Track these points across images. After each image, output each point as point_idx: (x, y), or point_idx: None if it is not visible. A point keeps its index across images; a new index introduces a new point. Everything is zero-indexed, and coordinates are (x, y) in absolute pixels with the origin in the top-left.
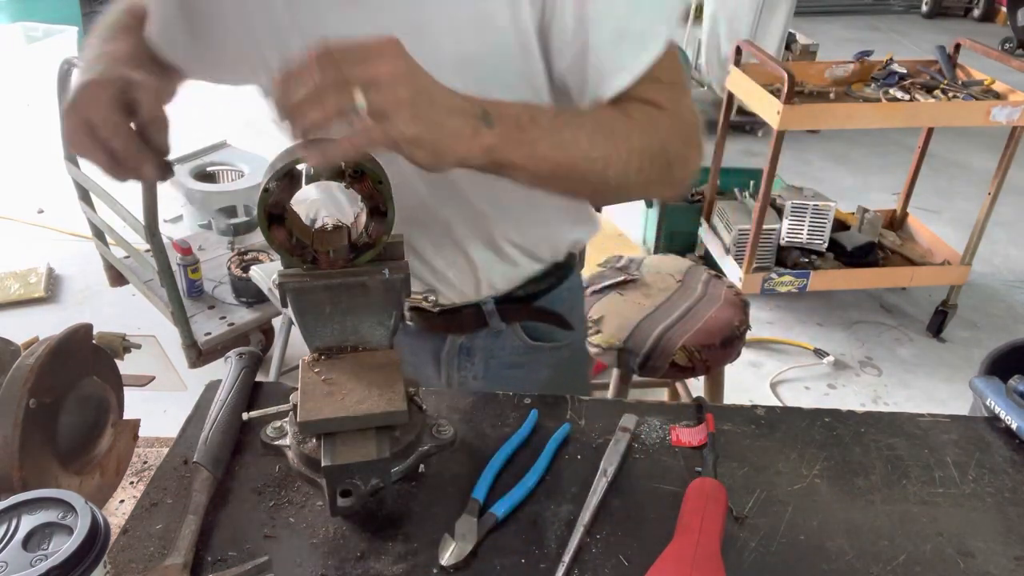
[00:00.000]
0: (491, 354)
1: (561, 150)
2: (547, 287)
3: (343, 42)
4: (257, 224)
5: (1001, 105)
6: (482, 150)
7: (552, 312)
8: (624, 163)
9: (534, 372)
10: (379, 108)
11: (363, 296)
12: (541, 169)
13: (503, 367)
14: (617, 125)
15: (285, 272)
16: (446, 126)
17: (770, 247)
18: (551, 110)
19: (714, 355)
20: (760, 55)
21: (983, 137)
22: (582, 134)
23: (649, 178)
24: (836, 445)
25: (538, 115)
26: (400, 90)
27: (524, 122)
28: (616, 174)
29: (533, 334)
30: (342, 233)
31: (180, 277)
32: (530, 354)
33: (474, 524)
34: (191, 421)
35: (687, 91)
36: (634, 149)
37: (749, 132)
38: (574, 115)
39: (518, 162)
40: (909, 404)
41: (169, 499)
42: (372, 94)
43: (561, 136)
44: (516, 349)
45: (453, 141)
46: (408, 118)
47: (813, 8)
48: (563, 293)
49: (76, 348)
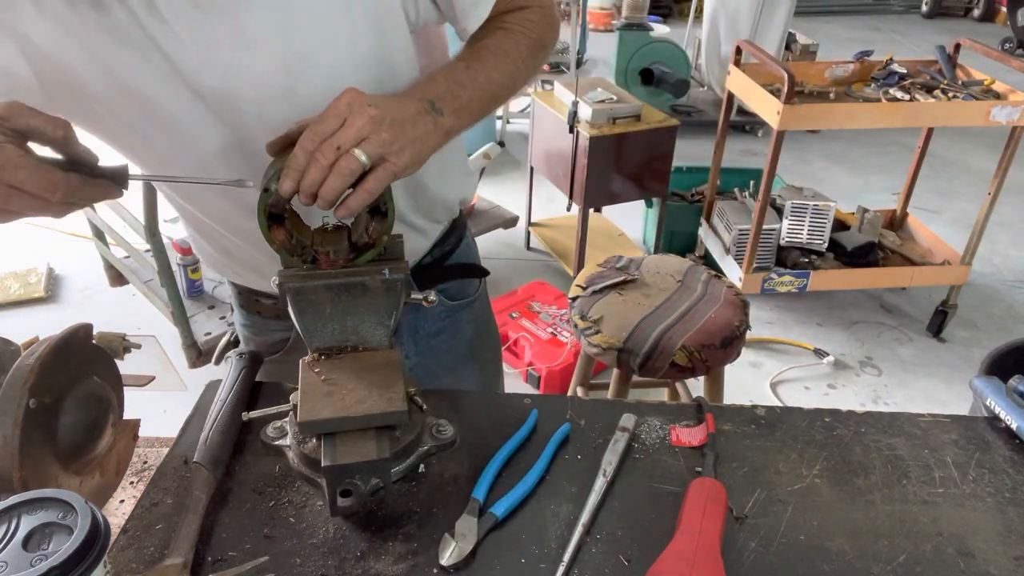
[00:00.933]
0: (415, 328)
1: (485, 92)
2: (450, 248)
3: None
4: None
5: (1001, 105)
6: (444, 136)
7: (465, 265)
8: (524, 70)
9: (458, 331)
10: (376, 155)
11: (363, 296)
12: (475, 117)
13: (430, 336)
14: (507, 44)
15: (285, 272)
16: (418, 136)
17: (770, 247)
18: (460, 64)
19: (714, 355)
20: (760, 55)
21: (983, 137)
22: (491, 69)
23: (537, 66)
24: (836, 445)
25: (457, 75)
26: (383, 132)
27: (455, 90)
28: (520, 81)
29: (449, 294)
30: (342, 233)
31: (180, 277)
32: (451, 315)
33: (474, 524)
34: (191, 421)
35: None
36: (524, 55)
37: (749, 132)
38: (477, 57)
39: (464, 126)
40: (909, 404)
41: (169, 499)
42: (367, 148)
43: (479, 82)
44: (438, 315)
45: (425, 144)
46: (398, 151)
47: (813, 8)
48: (464, 249)
49: (76, 348)
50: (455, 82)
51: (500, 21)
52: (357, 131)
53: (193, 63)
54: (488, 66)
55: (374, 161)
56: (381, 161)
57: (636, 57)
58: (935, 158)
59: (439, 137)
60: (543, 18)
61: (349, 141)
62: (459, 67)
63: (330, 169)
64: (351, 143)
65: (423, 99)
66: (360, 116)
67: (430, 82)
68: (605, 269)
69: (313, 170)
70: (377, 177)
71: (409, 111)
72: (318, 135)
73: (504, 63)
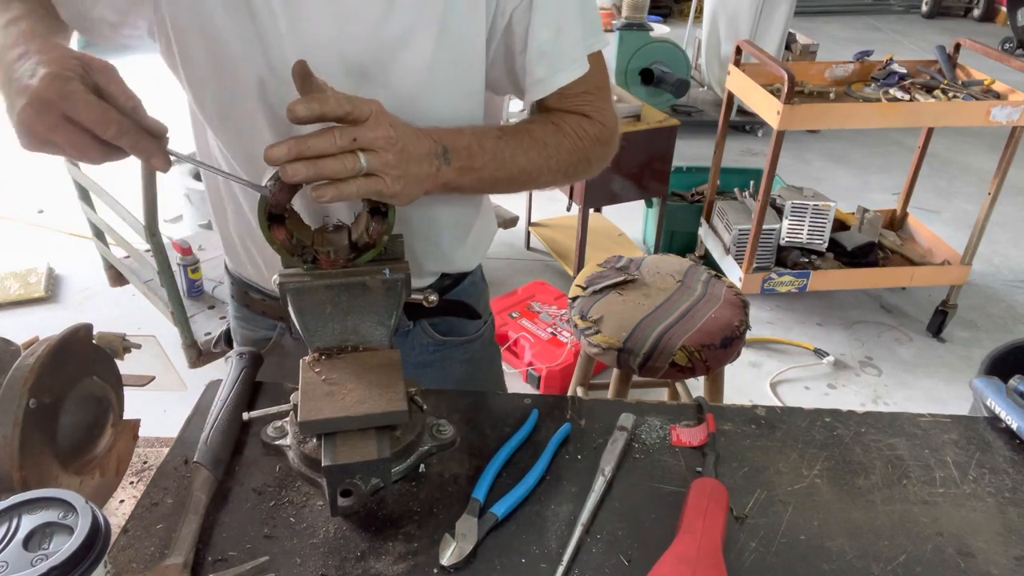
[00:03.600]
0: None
1: (503, 169)
2: (450, 284)
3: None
4: (258, 224)
5: (1001, 105)
6: (440, 185)
7: (458, 303)
8: (553, 170)
9: (447, 369)
10: (374, 168)
11: (363, 296)
12: (483, 186)
13: (415, 367)
14: (549, 139)
15: (285, 272)
16: (417, 175)
17: (770, 247)
18: (496, 131)
19: (714, 355)
20: (760, 55)
21: (983, 137)
22: (520, 152)
23: (571, 176)
24: (836, 445)
25: (485, 140)
26: (389, 155)
27: (474, 150)
28: (546, 179)
29: (441, 330)
30: (342, 233)
31: (180, 277)
32: (440, 351)
33: (474, 524)
34: (191, 421)
35: (610, 95)
36: (563, 159)
37: (749, 132)
38: (514, 134)
39: (466, 186)
40: (909, 404)
41: (169, 499)
42: (371, 157)
43: (503, 157)
44: (426, 347)
45: (420, 185)
46: (394, 177)
47: (813, 8)
48: (467, 288)
49: (76, 348)
50: (479, 144)
51: (559, 117)
52: (371, 138)
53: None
54: (520, 149)
55: (369, 171)
56: (373, 176)
57: (636, 57)
58: (935, 158)
59: (435, 184)
60: (599, 135)
61: (360, 143)
62: (491, 133)
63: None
64: (361, 146)
65: (438, 143)
66: (380, 129)
67: (456, 132)
68: (605, 269)
69: (322, 140)
70: (360, 185)
71: (421, 148)
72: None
73: (537, 155)
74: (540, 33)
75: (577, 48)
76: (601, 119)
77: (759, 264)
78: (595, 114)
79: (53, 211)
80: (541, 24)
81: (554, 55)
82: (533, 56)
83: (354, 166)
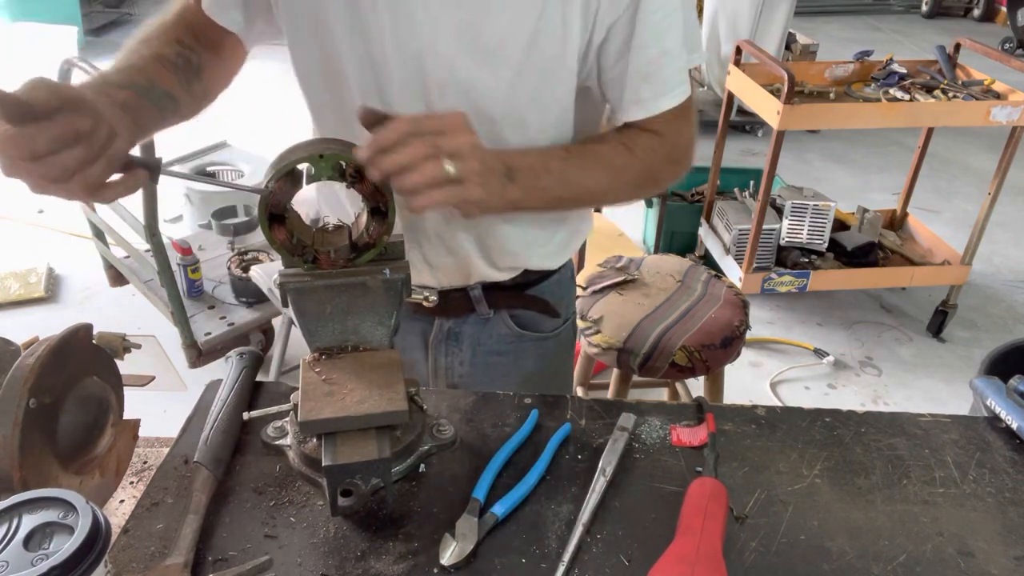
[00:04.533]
0: (478, 341)
1: (568, 189)
2: (537, 278)
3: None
4: (257, 224)
5: (1001, 105)
6: (507, 204)
7: (539, 300)
8: (619, 191)
9: (520, 361)
10: (460, 176)
11: (364, 296)
12: (549, 205)
13: (489, 354)
14: (617, 160)
15: (286, 272)
16: (490, 189)
17: (770, 247)
18: (562, 152)
19: (714, 355)
20: (760, 55)
21: (983, 137)
22: (586, 173)
23: (638, 196)
24: (836, 445)
25: (550, 161)
26: (474, 162)
27: (539, 171)
28: (611, 199)
29: (520, 322)
30: (343, 233)
31: (180, 277)
32: (516, 343)
33: (475, 524)
34: (191, 421)
35: (690, 118)
36: (630, 180)
37: (749, 132)
38: (581, 154)
39: (531, 206)
40: (909, 404)
41: (170, 499)
42: (457, 164)
43: (568, 177)
44: (503, 337)
45: (496, 199)
46: (476, 185)
47: (813, 8)
48: (552, 285)
49: (76, 348)
50: (544, 165)
51: (631, 137)
52: (457, 145)
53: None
54: (586, 169)
55: (454, 180)
56: (460, 182)
57: None
58: (935, 158)
59: (502, 203)
60: (670, 152)
61: (446, 148)
62: (558, 154)
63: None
64: (447, 151)
65: (503, 163)
66: (465, 135)
67: (522, 153)
68: (605, 269)
69: (401, 154)
70: (449, 192)
71: (494, 164)
72: (419, 127)
73: (604, 176)
74: (645, 53)
75: (682, 73)
76: (675, 139)
77: (759, 264)
78: (670, 134)
79: (53, 211)
80: (646, 43)
81: (659, 79)
82: (635, 75)
83: (440, 175)
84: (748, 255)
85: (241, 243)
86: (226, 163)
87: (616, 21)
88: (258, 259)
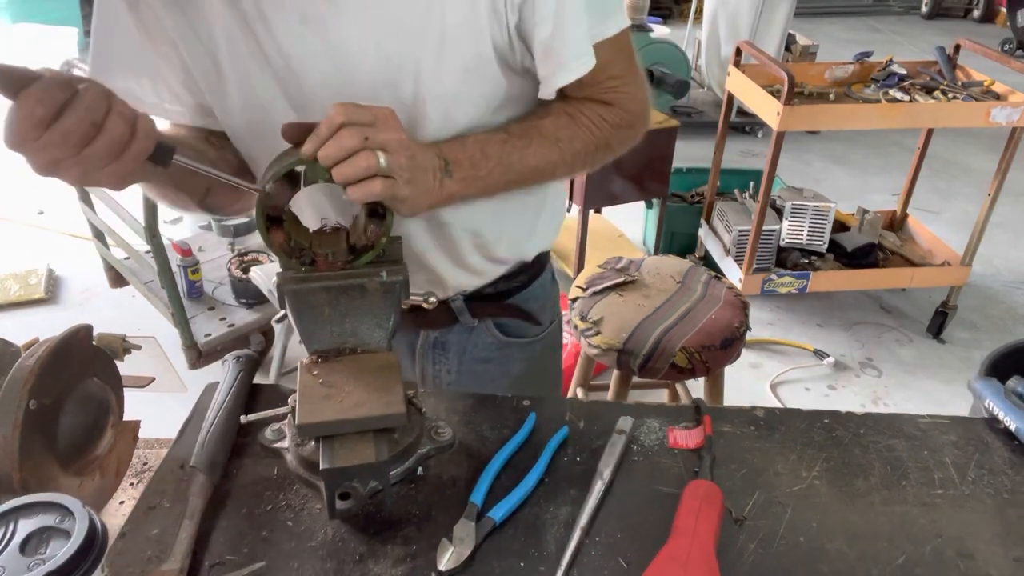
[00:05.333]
0: (464, 349)
1: (511, 172)
2: (518, 285)
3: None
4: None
5: (1001, 106)
6: (446, 198)
7: (520, 309)
8: (569, 163)
9: (507, 366)
10: (389, 169)
11: (361, 298)
12: (492, 192)
13: (476, 362)
14: (562, 132)
15: (283, 274)
16: (424, 186)
17: (770, 248)
18: (502, 134)
19: (714, 356)
20: (760, 56)
21: (983, 138)
22: (529, 152)
23: (591, 164)
24: (835, 446)
25: (489, 146)
26: (402, 157)
27: (477, 159)
28: (562, 173)
29: (505, 329)
30: (341, 235)
31: (180, 278)
32: (502, 349)
33: (472, 528)
34: (188, 424)
35: (640, 82)
36: (578, 150)
37: (749, 133)
38: (522, 133)
39: (472, 196)
40: (909, 405)
41: (166, 503)
42: (387, 158)
43: (510, 160)
44: (488, 345)
45: (426, 196)
46: (405, 181)
47: (813, 9)
48: (535, 290)
49: (76, 349)
50: (482, 152)
51: (575, 107)
52: (385, 139)
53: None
54: (528, 149)
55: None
56: (389, 177)
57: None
58: (935, 159)
59: (440, 198)
60: (621, 122)
61: (375, 140)
62: (496, 139)
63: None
64: (376, 144)
65: (440, 156)
66: (394, 132)
67: (459, 143)
68: (605, 270)
69: (332, 146)
70: (383, 185)
71: (426, 161)
72: (351, 117)
73: (549, 151)
74: (541, 30)
75: (580, 43)
76: (624, 105)
77: (759, 265)
78: (618, 100)
79: (53, 212)
80: (541, 20)
81: (556, 52)
82: (539, 54)
83: (372, 165)
84: (748, 256)
85: (241, 244)
86: None
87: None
88: (258, 260)
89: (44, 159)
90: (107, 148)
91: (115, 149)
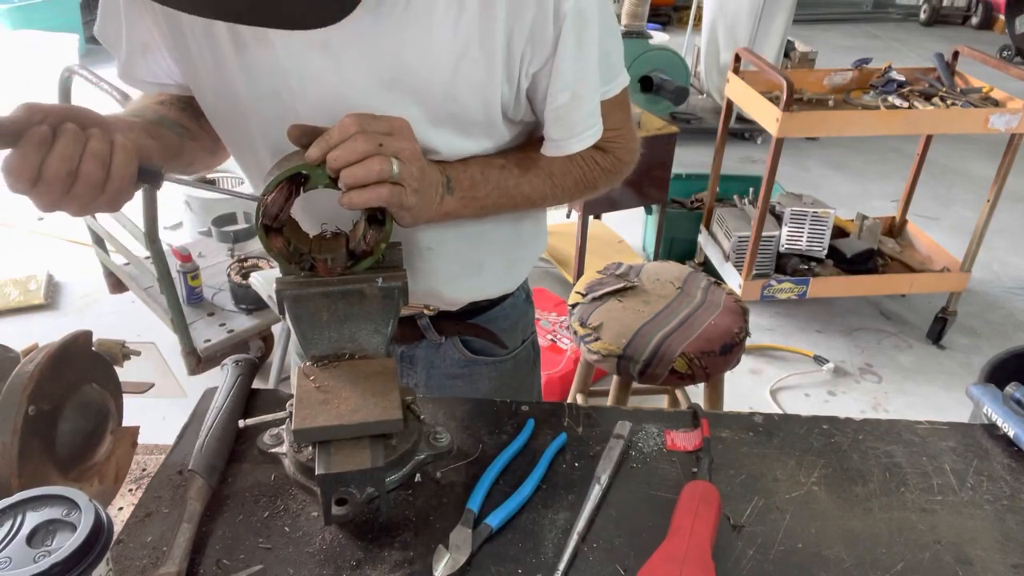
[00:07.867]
0: (432, 364)
1: (505, 197)
2: (487, 305)
3: (371, 116)
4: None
5: (999, 112)
6: (443, 215)
7: (485, 330)
8: (557, 196)
9: (475, 383)
10: (400, 177)
11: (360, 304)
12: (485, 214)
13: (444, 377)
14: (556, 167)
15: (283, 279)
16: (427, 198)
17: (769, 254)
18: (501, 160)
19: (714, 362)
20: (759, 63)
21: (982, 144)
22: (524, 180)
23: (574, 200)
24: (834, 452)
25: (489, 171)
26: (413, 167)
27: (477, 181)
28: (548, 203)
29: (472, 348)
30: (340, 241)
31: (180, 284)
32: (470, 367)
33: (468, 535)
34: (187, 429)
35: (631, 130)
36: (568, 186)
37: (748, 139)
38: (520, 162)
39: (467, 215)
40: (909, 411)
41: (164, 508)
42: (400, 165)
43: (506, 186)
44: (456, 361)
45: (427, 209)
46: (413, 190)
47: (812, 16)
48: (505, 310)
49: (75, 355)
50: (482, 175)
51: None
52: (400, 147)
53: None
54: (524, 177)
55: (395, 180)
56: (398, 185)
57: (635, 65)
58: (934, 165)
59: (438, 213)
60: (611, 168)
61: (390, 148)
62: (495, 164)
63: (360, 157)
64: (391, 151)
65: (444, 173)
66: (407, 142)
67: (462, 164)
68: (605, 276)
69: (347, 149)
70: (391, 191)
71: (432, 175)
72: (366, 126)
73: (542, 183)
74: (557, 99)
75: (594, 115)
76: (617, 154)
77: (758, 271)
78: (612, 149)
79: (53, 218)
80: (558, 90)
81: (570, 122)
82: (550, 117)
83: (386, 169)
84: (748, 262)
85: (241, 250)
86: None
87: (540, 70)
88: (258, 266)
89: (41, 204)
90: (87, 190)
91: (94, 189)
